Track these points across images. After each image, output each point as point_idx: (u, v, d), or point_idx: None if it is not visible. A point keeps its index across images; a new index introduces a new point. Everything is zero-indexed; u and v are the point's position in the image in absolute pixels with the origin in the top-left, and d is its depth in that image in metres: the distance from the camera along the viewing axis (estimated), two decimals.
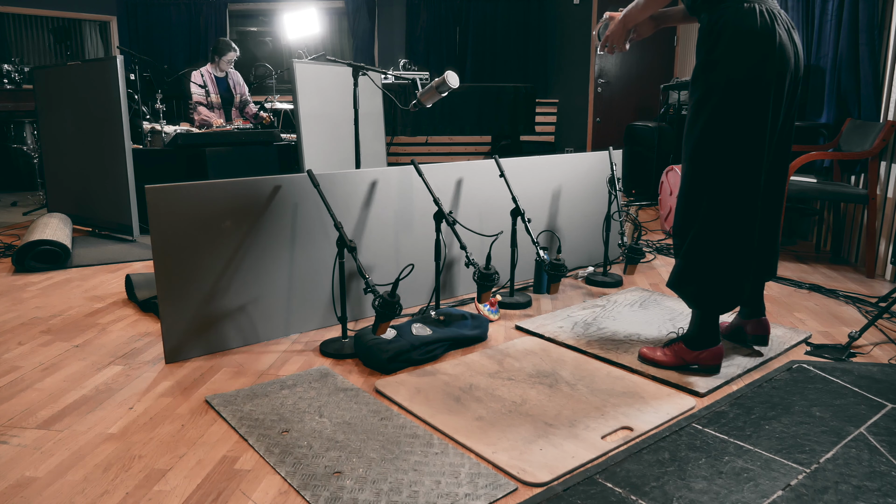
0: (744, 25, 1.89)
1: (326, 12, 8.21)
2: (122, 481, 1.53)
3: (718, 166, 1.98)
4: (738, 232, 2.00)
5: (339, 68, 4.46)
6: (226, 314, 2.32)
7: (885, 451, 1.65)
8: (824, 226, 4.14)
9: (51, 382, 2.08)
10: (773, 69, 1.90)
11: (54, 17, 7.78)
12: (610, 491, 1.49)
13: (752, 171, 1.97)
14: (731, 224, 1.99)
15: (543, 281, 3.05)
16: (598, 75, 7.91)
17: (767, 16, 1.89)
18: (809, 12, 4.21)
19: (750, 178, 1.97)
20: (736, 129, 1.94)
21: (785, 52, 1.92)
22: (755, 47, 1.89)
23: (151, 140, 4.83)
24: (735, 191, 1.97)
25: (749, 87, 1.91)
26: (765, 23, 1.89)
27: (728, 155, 1.96)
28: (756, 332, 2.30)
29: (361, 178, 2.61)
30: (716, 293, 2.04)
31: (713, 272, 2.03)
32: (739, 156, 1.96)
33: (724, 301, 2.05)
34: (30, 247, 3.47)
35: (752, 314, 2.31)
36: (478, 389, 2.01)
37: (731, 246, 2.01)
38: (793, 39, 1.97)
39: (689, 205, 2.05)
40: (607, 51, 2.30)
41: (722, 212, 1.99)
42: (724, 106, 1.94)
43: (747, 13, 1.89)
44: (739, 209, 1.98)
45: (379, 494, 1.47)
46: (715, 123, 1.96)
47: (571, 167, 3.37)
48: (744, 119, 1.93)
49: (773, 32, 1.89)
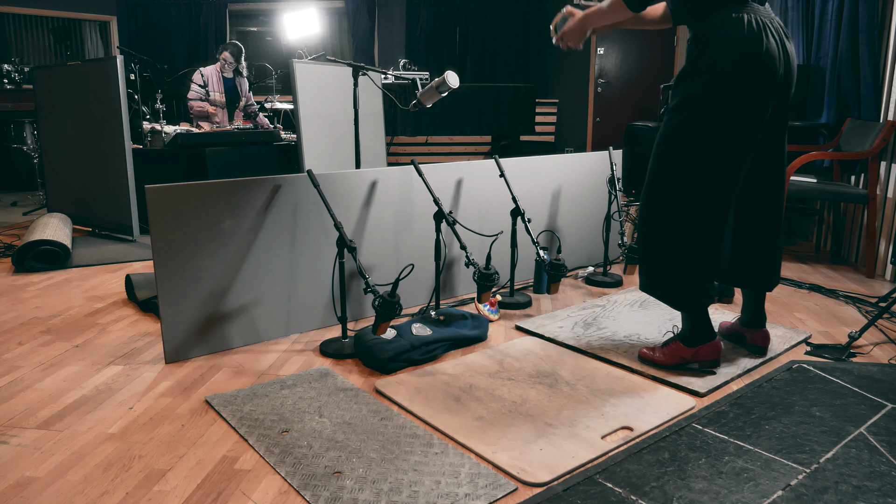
0: (730, 35, 1.87)
1: (326, 12, 8.21)
2: (122, 481, 1.53)
3: (680, 174, 1.97)
4: (693, 239, 1.99)
5: (339, 68, 4.46)
6: (226, 314, 2.32)
7: (885, 451, 1.65)
8: (824, 226, 4.14)
9: (51, 382, 2.08)
10: (756, 80, 1.87)
11: (54, 17, 7.78)
12: (610, 491, 1.49)
13: (717, 184, 1.95)
14: (685, 231, 1.99)
15: (543, 281, 3.05)
16: (598, 75, 7.91)
17: (755, 25, 1.87)
18: (809, 12, 4.21)
19: (713, 189, 1.96)
20: (703, 142, 1.93)
21: (772, 62, 1.88)
22: (738, 57, 1.86)
23: (151, 140, 4.83)
24: (692, 200, 1.96)
25: (727, 100, 1.89)
26: (752, 32, 1.86)
27: (692, 165, 1.95)
28: (755, 343, 2.28)
29: (361, 178, 2.61)
30: (682, 294, 2.05)
31: (669, 277, 2.04)
32: (703, 167, 1.94)
33: (690, 303, 2.06)
34: (30, 247, 3.47)
35: (752, 324, 2.29)
36: (478, 389, 2.01)
37: (686, 252, 2.00)
38: (785, 49, 1.93)
39: (651, 204, 2.05)
40: (562, 45, 2.28)
41: (675, 218, 1.99)
42: (697, 116, 1.93)
43: (734, 22, 1.87)
44: (700, 217, 1.97)
45: (379, 494, 1.47)
46: (684, 132, 1.95)
47: (571, 167, 3.37)
48: (715, 132, 1.91)
49: (759, 42, 1.86)
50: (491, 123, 5.90)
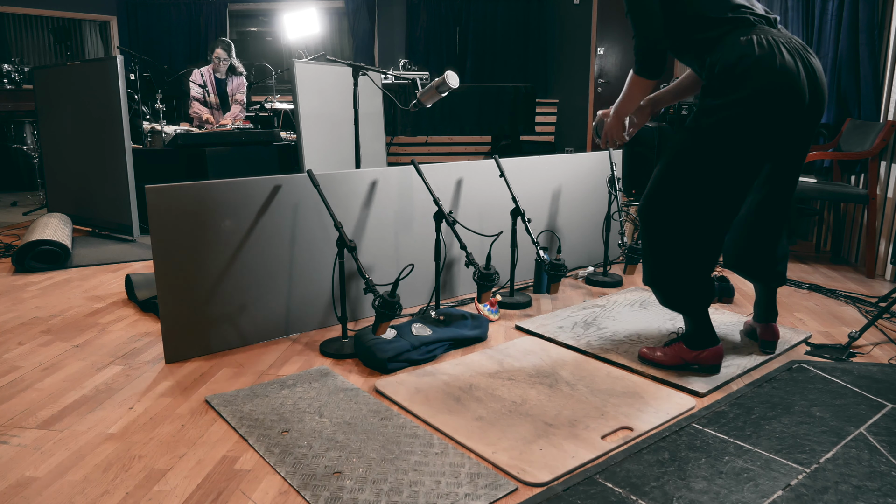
0: (741, 61, 1.82)
1: (326, 12, 8.21)
2: (122, 481, 1.53)
3: (695, 183, 1.96)
4: (696, 245, 1.99)
5: (339, 68, 4.46)
6: (226, 314, 2.32)
7: (885, 451, 1.65)
8: (824, 226, 4.14)
9: (51, 382, 2.08)
10: (773, 101, 1.83)
11: (54, 17, 7.78)
12: (610, 491, 1.49)
13: (720, 205, 1.95)
14: (688, 238, 1.99)
15: (543, 281, 3.05)
16: (598, 75, 7.90)
17: (766, 44, 1.82)
18: (809, 12, 4.21)
19: (715, 210, 1.96)
20: (723, 154, 1.90)
21: (789, 80, 1.82)
22: (748, 82, 1.82)
23: (151, 140, 4.83)
24: (703, 208, 1.96)
25: (741, 126, 1.86)
26: (763, 52, 1.81)
27: (708, 175, 1.93)
28: (765, 337, 2.31)
29: (361, 178, 2.61)
30: (682, 296, 2.07)
31: (675, 279, 2.04)
32: (719, 178, 1.93)
33: (692, 304, 2.07)
34: (30, 247, 3.47)
35: (763, 318, 2.31)
36: (478, 389, 2.01)
37: (688, 257, 2.01)
38: (808, 65, 1.86)
39: (648, 214, 2.05)
40: (609, 146, 2.31)
41: (675, 229, 1.99)
42: (709, 142, 1.91)
43: (744, 45, 1.83)
44: (701, 225, 1.97)
45: (379, 494, 1.47)
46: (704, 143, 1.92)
47: (571, 167, 3.37)
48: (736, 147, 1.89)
49: (775, 63, 1.80)
50: (491, 123, 5.90)
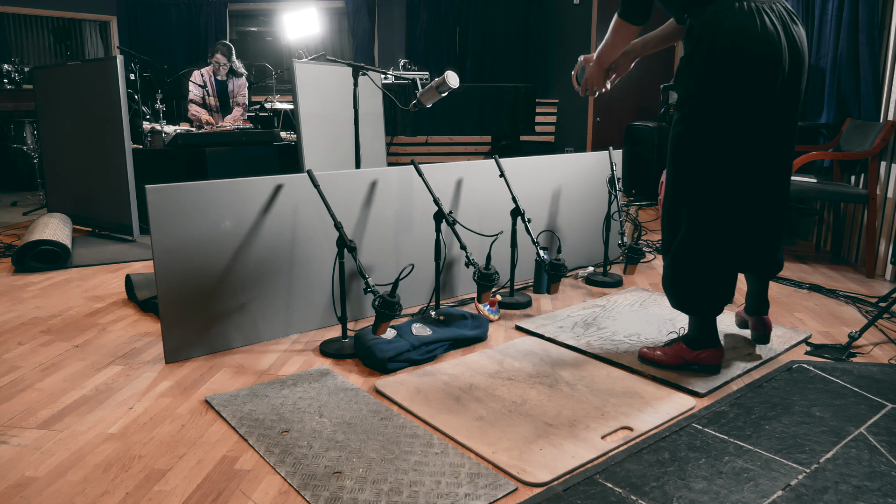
0: (721, 25, 1.83)
1: (326, 12, 8.21)
2: (122, 481, 1.53)
3: (696, 174, 1.96)
4: (721, 239, 1.98)
5: (339, 68, 4.46)
6: (226, 314, 2.32)
7: (885, 451, 1.65)
8: (824, 226, 4.14)
9: (51, 382, 2.08)
10: (750, 67, 1.83)
11: (54, 17, 7.78)
12: (610, 491, 1.49)
13: (735, 177, 1.94)
14: (712, 232, 1.98)
15: (543, 281, 3.05)
16: None
17: (748, 9, 1.82)
18: (809, 12, 4.21)
19: (732, 184, 1.94)
20: (712, 135, 1.91)
21: (768, 48, 1.83)
22: (729, 47, 1.82)
23: (151, 140, 4.83)
24: (715, 198, 1.95)
25: (723, 91, 1.86)
26: (744, 18, 1.82)
27: (704, 162, 1.93)
28: (757, 330, 2.31)
29: (361, 178, 2.61)
30: (702, 299, 2.04)
31: (697, 280, 2.02)
32: (717, 163, 1.92)
33: (711, 306, 2.05)
34: (30, 247, 3.47)
35: (755, 311, 2.31)
36: (478, 389, 2.01)
37: (714, 253, 1.99)
38: (789, 33, 1.88)
39: (671, 211, 2.05)
40: (589, 93, 2.31)
41: (702, 220, 1.98)
42: (697, 113, 1.91)
43: (726, 12, 1.84)
44: (720, 216, 1.96)
45: (379, 494, 1.47)
46: (691, 129, 1.94)
47: (571, 167, 3.37)
48: (720, 124, 1.89)
49: (752, 27, 1.81)
50: (491, 123, 5.90)
